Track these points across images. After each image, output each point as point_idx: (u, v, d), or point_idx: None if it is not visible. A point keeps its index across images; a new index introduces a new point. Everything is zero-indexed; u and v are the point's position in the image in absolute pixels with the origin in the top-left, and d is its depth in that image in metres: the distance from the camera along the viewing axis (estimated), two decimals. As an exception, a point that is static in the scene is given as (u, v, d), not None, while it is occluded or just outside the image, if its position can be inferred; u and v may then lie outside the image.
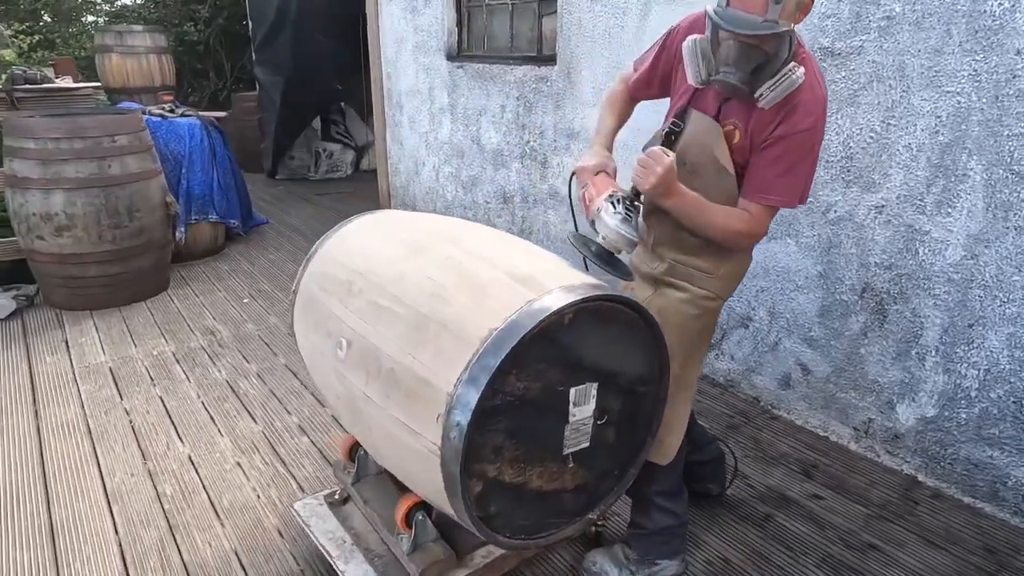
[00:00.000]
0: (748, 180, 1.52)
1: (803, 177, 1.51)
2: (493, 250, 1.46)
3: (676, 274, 1.66)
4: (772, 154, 1.47)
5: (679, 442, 1.74)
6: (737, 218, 1.51)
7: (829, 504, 2.11)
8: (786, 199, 1.50)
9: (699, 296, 1.65)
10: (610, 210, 1.43)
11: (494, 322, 1.24)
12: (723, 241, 1.56)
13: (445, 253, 1.45)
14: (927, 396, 2.13)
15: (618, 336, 1.40)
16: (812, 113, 1.43)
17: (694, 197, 1.46)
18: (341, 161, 7.07)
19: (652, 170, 1.40)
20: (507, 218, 3.76)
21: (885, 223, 2.13)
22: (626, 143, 2.95)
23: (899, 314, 2.15)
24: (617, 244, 1.43)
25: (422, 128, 4.32)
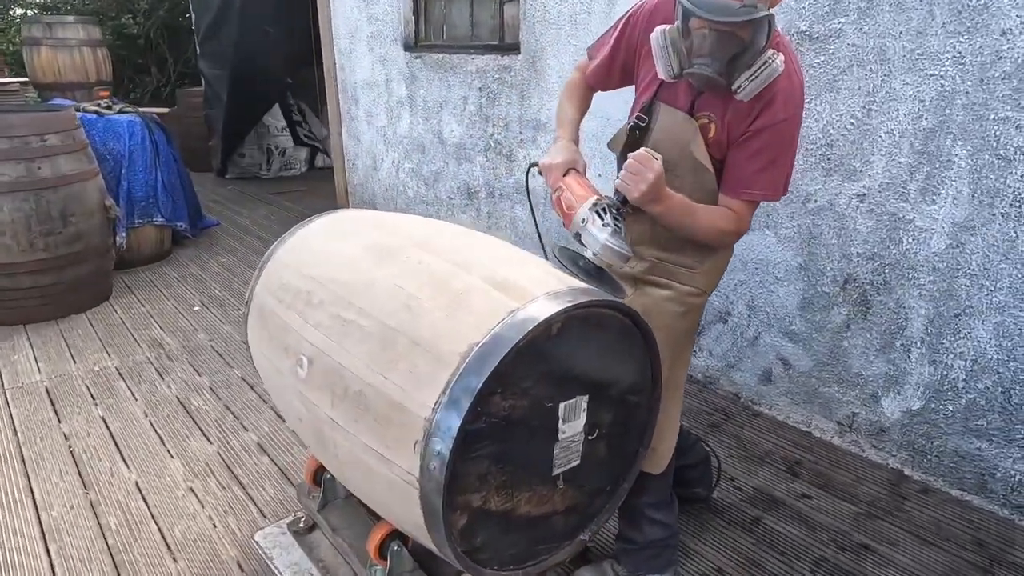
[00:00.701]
0: (728, 175, 1.43)
1: (785, 168, 1.43)
2: (468, 252, 1.32)
3: (658, 272, 1.56)
4: (752, 147, 1.38)
5: (672, 448, 1.64)
6: (721, 217, 1.42)
7: (818, 503, 2.05)
8: (769, 192, 1.42)
9: (684, 293, 1.55)
10: (598, 222, 1.31)
11: (475, 336, 1.11)
12: (708, 241, 1.48)
13: (415, 257, 1.31)
14: (913, 388, 2.08)
15: (609, 344, 1.28)
16: (791, 102, 1.35)
17: (681, 200, 1.37)
18: (295, 159, 6.81)
19: (642, 176, 1.29)
20: (472, 214, 3.62)
21: (867, 212, 2.06)
22: (596, 134, 2.85)
23: (883, 305, 2.09)
24: (610, 259, 1.31)
25: (380, 122, 4.14)
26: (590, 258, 1.31)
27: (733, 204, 1.42)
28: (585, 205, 1.35)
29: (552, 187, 1.47)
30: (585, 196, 1.37)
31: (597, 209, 1.33)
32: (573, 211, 1.38)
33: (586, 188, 1.40)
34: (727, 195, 1.43)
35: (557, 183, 1.46)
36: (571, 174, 1.45)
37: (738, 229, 1.44)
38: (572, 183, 1.43)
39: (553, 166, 1.47)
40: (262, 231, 4.81)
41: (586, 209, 1.34)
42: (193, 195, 4.65)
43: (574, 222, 1.37)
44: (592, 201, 1.35)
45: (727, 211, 1.42)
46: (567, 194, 1.41)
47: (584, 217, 1.33)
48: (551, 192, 1.47)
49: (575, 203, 1.38)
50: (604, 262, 1.31)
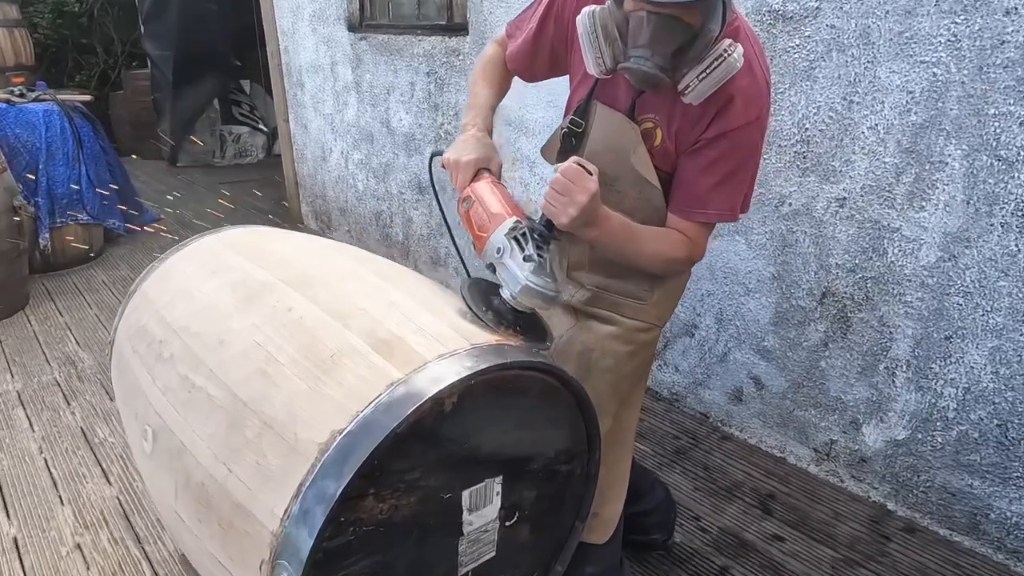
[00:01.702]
0: (677, 192, 1.17)
1: (744, 184, 1.18)
2: (355, 296, 1.05)
3: (601, 303, 1.31)
4: (706, 159, 1.12)
5: (619, 510, 1.40)
6: (669, 242, 1.18)
7: (792, 547, 1.82)
8: (726, 213, 1.19)
9: (632, 329, 1.30)
10: (516, 254, 1.04)
11: (339, 421, 0.85)
12: (654, 270, 1.24)
13: (286, 303, 1.04)
14: (897, 416, 1.85)
15: (529, 410, 1.03)
16: (754, 105, 1.09)
17: (620, 223, 1.12)
18: (251, 145, 6.45)
19: (571, 198, 1.02)
20: (423, 210, 3.34)
21: (847, 218, 1.82)
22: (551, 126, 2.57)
23: (864, 323, 1.86)
24: (531, 303, 1.05)
25: (326, 109, 3.82)
26: (508, 300, 1.05)
27: (684, 226, 1.17)
28: (500, 229, 1.08)
29: (462, 200, 1.18)
30: (501, 215, 1.10)
31: (516, 236, 1.06)
32: (486, 233, 1.10)
33: (503, 203, 1.12)
34: (677, 216, 1.18)
35: (465, 189, 1.17)
36: (483, 179, 1.16)
37: (689, 256, 1.19)
38: (484, 194, 1.14)
39: (460, 164, 1.17)
40: (210, 226, 4.47)
41: (502, 235, 1.07)
42: (130, 189, 4.31)
43: (486, 251, 1.09)
44: (509, 224, 1.07)
45: (677, 235, 1.18)
46: (478, 209, 1.13)
47: (499, 246, 1.07)
48: (458, 201, 1.19)
49: (488, 223, 1.10)
50: (526, 306, 1.05)
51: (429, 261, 3.42)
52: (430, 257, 3.40)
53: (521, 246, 1.05)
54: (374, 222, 3.73)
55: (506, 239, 1.06)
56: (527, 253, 1.04)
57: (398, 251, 3.61)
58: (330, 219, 4.16)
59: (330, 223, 4.17)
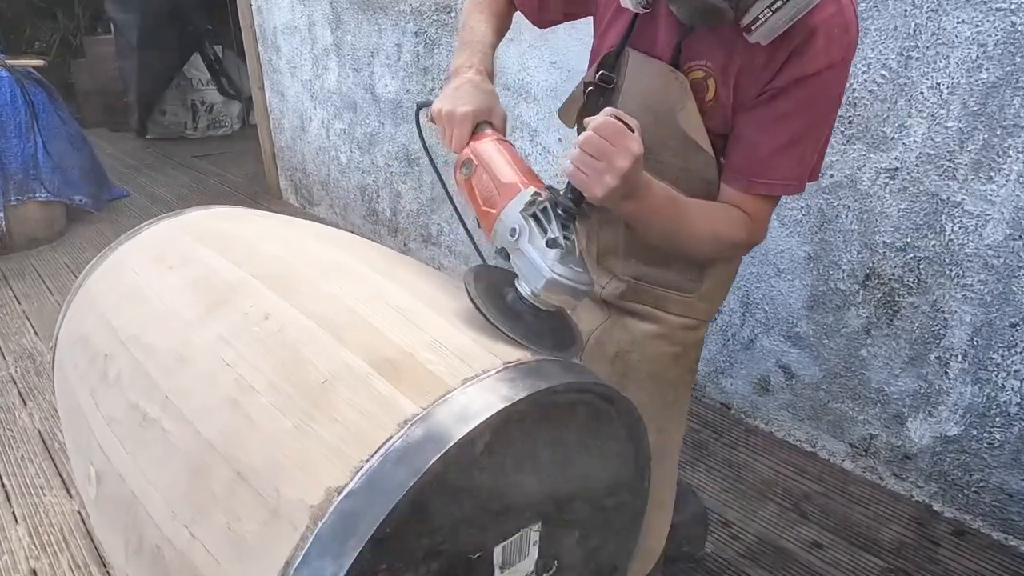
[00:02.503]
0: (735, 157, 0.95)
1: (819, 144, 0.95)
2: (349, 300, 0.83)
3: (639, 297, 1.10)
4: (773, 113, 0.90)
5: (663, 539, 1.22)
6: (727, 221, 0.94)
7: (834, 556, 1.65)
8: (793, 183, 0.94)
9: (677, 327, 1.10)
10: (537, 237, 0.80)
11: (335, 474, 0.64)
12: (706, 255, 1.03)
13: (261, 309, 0.82)
14: (949, 411, 1.68)
15: (573, 440, 0.82)
16: (838, 41, 0.86)
17: (666, 196, 0.88)
18: (225, 115, 6.11)
19: (610, 163, 0.78)
20: (413, 184, 3.10)
21: (899, 191, 1.61)
22: (554, 89, 2.33)
23: (914, 308, 1.67)
24: (559, 300, 0.81)
25: (304, 74, 3.53)
26: (526, 296, 0.81)
27: (744, 202, 0.95)
28: (514, 204, 0.83)
29: (457, 157, 0.93)
30: (514, 185, 0.85)
31: (535, 212, 0.82)
32: (494, 209, 0.85)
33: (515, 168, 0.87)
34: (733, 187, 0.95)
35: (464, 149, 0.91)
36: (486, 136, 0.91)
37: (749, 238, 0.97)
38: (490, 156, 0.88)
39: (455, 117, 0.91)
40: (180, 203, 4.20)
41: (516, 212, 0.82)
42: (94, 162, 4.00)
43: (497, 232, 0.85)
44: (526, 197, 0.82)
45: (734, 211, 0.95)
46: (482, 176, 0.88)
47: (514, 226, 0.82)
48: (455, 167, 0.93)
49: (497, 195, 0.86)
50: (549, 303, 0.82)
51: (420, 239, 3.18)
52: (421, 235, 3.17)
53: (542, 226, 0.80)
54: (359, 197, 3.48)
55: (523, 217, 0.81)
56: (551, 236, 0.79)
57: (386, 228, 3.37)
58: (311, 194, 3.89)
59: (311, 198, 3.91)
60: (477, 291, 0.81)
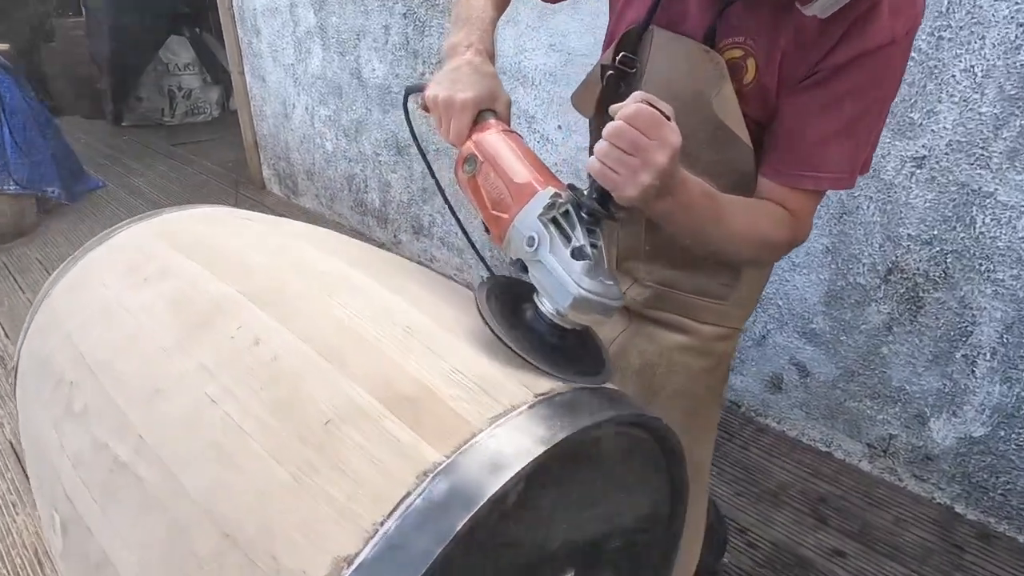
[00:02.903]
0: (779, 147, 0.84)
1: (875, 132, 0.85)
2: (354, 321, 0.72)
3: (666, 305, 1.00)
4: (825, 97, 0.79)
5: (695, 560, 1.14)
6: (769, 219, 0.83)
7: (856, 564, 1.58)
8: (844, 176, 0.83)
9: (709, 337, 1.00)
10: (560, 247, 0.68)
11: (345, 540, 0.53)
12: (744, 258, 0.90)
13: (251, 333, 0.71)
14: (975, 411, 1.61)
15: (610, 477, 0.72)
16: (904, 13, 0.76)
17: (703, 192, 0.76)
18: (203, 101, 5.90)
19: (646, 159, 0.66)
20: (403, 173, 2.97)
21: (926, 181, 1.53)
22: (552, 73, 2.20)
23: (940, 304, 1.59)
24: (587, 318, 0.69)
25: (287, 59, 3.38)
26: (548, 315, 0.70)
27: (783, 196, 0.84)
28: (531, 208, 0.71)
29: (459, 151, 0.80)
30: (529, 185, 0.73)
31: (556, 217, 0.70)
32: (506, 214, 0.74)
33: (528, 164, 0.75)
34: (774, 181, 0.85)
35: (466, 143, 0.79)
36: (490, 128, 0.79)
37: (792, 238, 0.86)
38: (499, 151, 0.76)
39: (454, 106, 0.78)
40: (159, 194, 4.04)
41: (534, 218, 0.70)
42: (67, 152, 3.83)
43: (511, 241, 0.73)
44: (545, 200, 0.70)
45: (776, 209, 0.84)
46: (489, 175, 0.76)
47: (532, 234, 0.70)
48: (456, 163, 0.81)
49: (509, 198, 0.74)
50: (575, 322, 0.70)
51: (411, 231, 3.06)
52: (412, 226, 3.05)
53: (565, 233, 0.69)
54: (346, 187, 3.35)
55: (542, 223, 0.69)
56: (576, 244, 0.68)
57: (375, 219, 3.24)
58: (296, 184, 3.75)
59: (296, 188, 3.76)
60: (491, 311, 0.69)
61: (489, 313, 0.69)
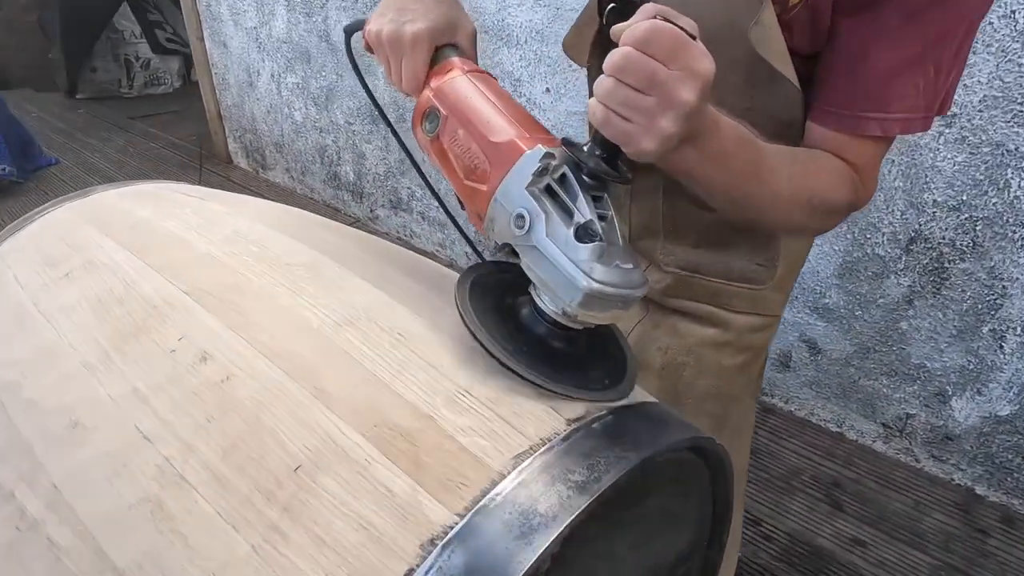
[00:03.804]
0: (834, 84, 0.67)
1: (959, 61, 0.66)
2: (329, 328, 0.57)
3: (691, 293, 0.84)
4: (898, 13, 0.62)
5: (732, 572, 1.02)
6: (827, 175, 0.66)
7: (877, 554, 1.49)
8: (918, 117, 0.65)
9: (744, 329, 0.85)
10: (559, 225, 0.51)
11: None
12: (798, 224, 0.69)
13: (197, 346, 0.56)
14: (1002, 388, 1.51)
15: (655, 514, 0.58)
16: None
17: (739, 139, 0.59)
18: (163, 71, 5.59)
19: (668, 98, 0.48)
20: (378, 144, 2.78)
21: (956, 141, 1.40)
22: (540, 32, 2.02)
23: (967, 275, 1.47)
24: (603, 315, 0.53)
25: (249, 21, 3.14)
26: (548, 312, 0.53)
27: (841, 145, 0.66)
28: (516, 174, 0.53)
29: (417, 103, 0.63)
30: (513, 142, 0.55)
31: (551, 184, 0.52)
32: (484, 184, 0.56)
33: (508, 114, 0.58)
34: (833, 127, 0.67)
35: (422, 93, 0.62)
36: (454, 68, 0.62)
37: (855, 198, 0.67)
38: (468, 97, 0.59)
39: (403, 41, 0.61)
40: (117, 171, 3.79)
41: (523, 189, 0.53)
42: (16, 127, 3.58)
43: (494, 219, 0.56)
44: (535, 162, 0.53)
45: (835, 161, 0.66)
46: (457, 132, 0.59)
47: (522, 210, 0.52)
48: (414, 119, 0.64)
49: (486, 162, 0.56)
50: (585, 321, 0.53)
51: (388, 205, 2.88)
52: (389, 200, 2.87)
53: (564, 206, 0.52)
54: (318, 159, 3.15)
55: (532, 196, 0.52)
56: (581, 221, 0.50)
57: (349, 194, 3.06)
58: (264, 157, 3.53)
59: (264, 162, 3.55)
60: (479, 318, 0.53)
61: (475, 320, 0.53)
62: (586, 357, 0.57)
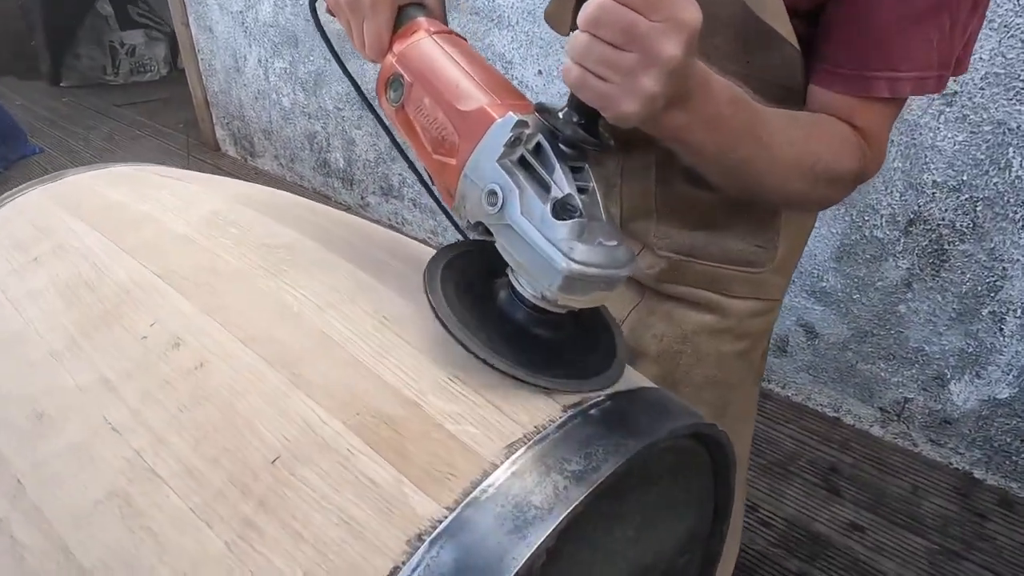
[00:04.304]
0: (838, 42, 0.61)
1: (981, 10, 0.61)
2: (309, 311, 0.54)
3: (688, 278, 0.80)
4: None
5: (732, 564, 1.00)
6: (832, 140, 0.61)
7: (875, 539, 1.48)
8: (931, 74, 0.59)
9: (743, 315, 0.81)
10: (533, 199, 0.46)
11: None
12: (799, 196, 0.63)
13: (169, 332, 0.52)
14: (1001, 371, 1.49)
15: (655, 503, 0.56)
16: None
17: (732, 99, 0.54)
18: (149, 58, 5.50)
19: (649, 54, 0.43)
20: (368, 129, 2.74)
21: (957, 120, 1.37)
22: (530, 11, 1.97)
23: (967, 257, 1.45)
24: (585, 299, 0.48)
25: (235, 5, 3.08)
26: (527, 295, 0.49)
27: (851, 109, 0.61)
28: (487, 145, 0.49)
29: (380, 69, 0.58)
30: (483, 111, 0.50)
31: (525, 156, 0.47)
32: (454, 157, 0.52)
33: (478, 79, 0.52)
34: (837, 88, 0.61)
35: (385, 58, 0.58)
36: (421, 29, 0.57)
37: (863, 167, 0.62)
38: (434, 62, 0.55)
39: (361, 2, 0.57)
40: (102, 159, 3.73)
41: (493, 162, 0.48)
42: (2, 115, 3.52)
43: (465, 196, 0.51)
44: (507, 131, 0.48)
45: (839, 126, 0.61)
46: (422, 101, 0.54)
47: (494, 186, 0.48)
48: (378, 86, 0.59)
49: (454, 133, 0.52)
50: (567, 304, 0.49)
51: (379, 192, 2.84)
52: (380, 187, 2.83)
53: (541, 180, 0.47)
54: (307, 146, 3.10)
55: (505, 170, 0.48)
56: (559, 195, 0.46)
57: (339, 181, 3.01)
58: (252, 144, 3.48)
59: (253, 149, 3.50)
60: (448, 305, 0.49)
61: (445, 306, 0.48)
62: (571, 341, 0.53)
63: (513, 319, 0.51)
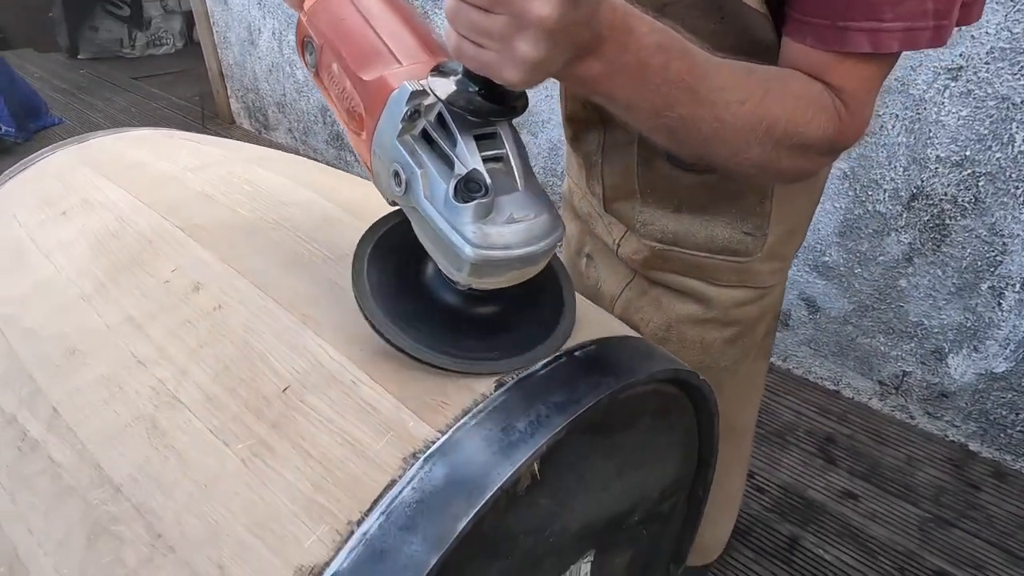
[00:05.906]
0: None
1: None
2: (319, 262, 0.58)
3: (671, 266, 0.78)
4: None
5: (727, 533, 1.03)
6: (800, 100, 0.52)
7: (868, 506, 1.51)
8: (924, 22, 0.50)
9: (728, 305, 0.79)
10: (436, 180, 0.43)
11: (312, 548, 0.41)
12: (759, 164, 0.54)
13: (192, 276, 0.57)
14: (999, 345, 1.51)
15: (637, 445, 0.60)
16: None
17: (660, 45, 0.46)
18: (165, 31, 5.53)
19: (520, 16, 0.38)
20: (381, 103, 2.76)
21: (962, 95, 1.38)
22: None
23: (968, 232, 1.47)
24: (498, 280, 0.46)
25: (250, -23, 3.10)
26: (452, 277, 0.46)
27: (826, 65, 0.53)
28: (387, 122, 0.45)
29: (297, 27, 0.54)
30: (382, 79, 0.45)
31: (427, 128, 0.44)
32: (363, 131, 0.47)
33: (384, 40, 0.47)
34: (809, 42, 0.53)
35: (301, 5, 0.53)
36: None
37: (838, 132, 0.54)
38: (341, 19, 0.49)
39: None
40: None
41: (393, 139, 0.44)
42: (20, 86, 3.57)
43: (378, 173, 0.48)
44: (402, 105, 0.43)
45: (810, 84, 0.53)
46: (331, 66, 0.49)
47: (396, 165, 0.45)
48: (297, 46, 0.54)
49: (360, 105, 0.47)
50: (482, 287, 0.47)
51: (391, 165, 2.87)
52: (392, 160, 2.86)
53: (443, 155, 0.43)
54: (320, 119, 3.13)
55: (405, 147, 0.44)
56: (463, 171, 0.42)
57: (353, 155, 3.05)
58: (267, 117, 3.51)
59: (267, 122, 3.53)
60: (371, 291, 0.47)
61: (366, 293, 0.47)
62: (513, 306, 0.51)
63: (445, 301, 0.49)
